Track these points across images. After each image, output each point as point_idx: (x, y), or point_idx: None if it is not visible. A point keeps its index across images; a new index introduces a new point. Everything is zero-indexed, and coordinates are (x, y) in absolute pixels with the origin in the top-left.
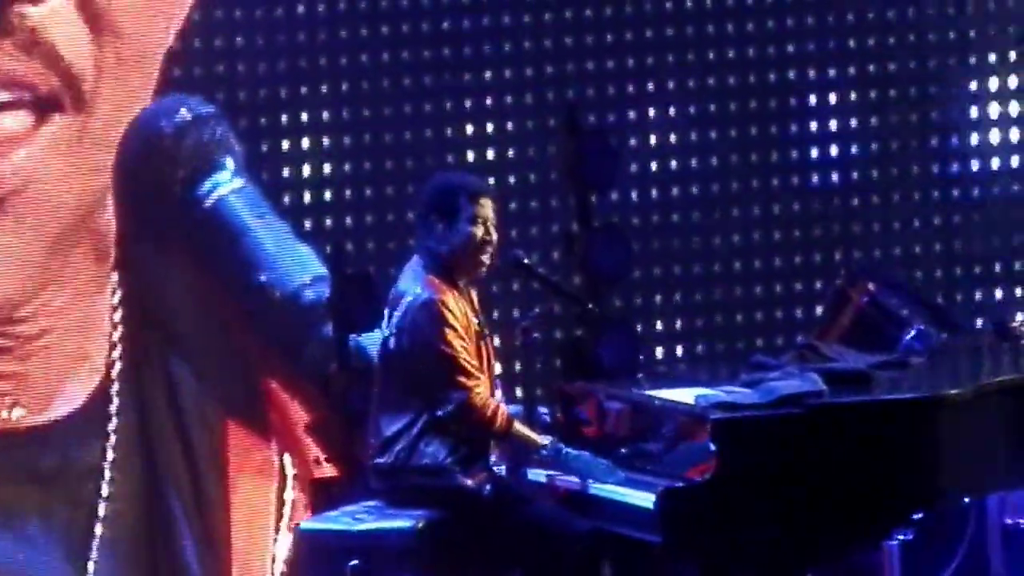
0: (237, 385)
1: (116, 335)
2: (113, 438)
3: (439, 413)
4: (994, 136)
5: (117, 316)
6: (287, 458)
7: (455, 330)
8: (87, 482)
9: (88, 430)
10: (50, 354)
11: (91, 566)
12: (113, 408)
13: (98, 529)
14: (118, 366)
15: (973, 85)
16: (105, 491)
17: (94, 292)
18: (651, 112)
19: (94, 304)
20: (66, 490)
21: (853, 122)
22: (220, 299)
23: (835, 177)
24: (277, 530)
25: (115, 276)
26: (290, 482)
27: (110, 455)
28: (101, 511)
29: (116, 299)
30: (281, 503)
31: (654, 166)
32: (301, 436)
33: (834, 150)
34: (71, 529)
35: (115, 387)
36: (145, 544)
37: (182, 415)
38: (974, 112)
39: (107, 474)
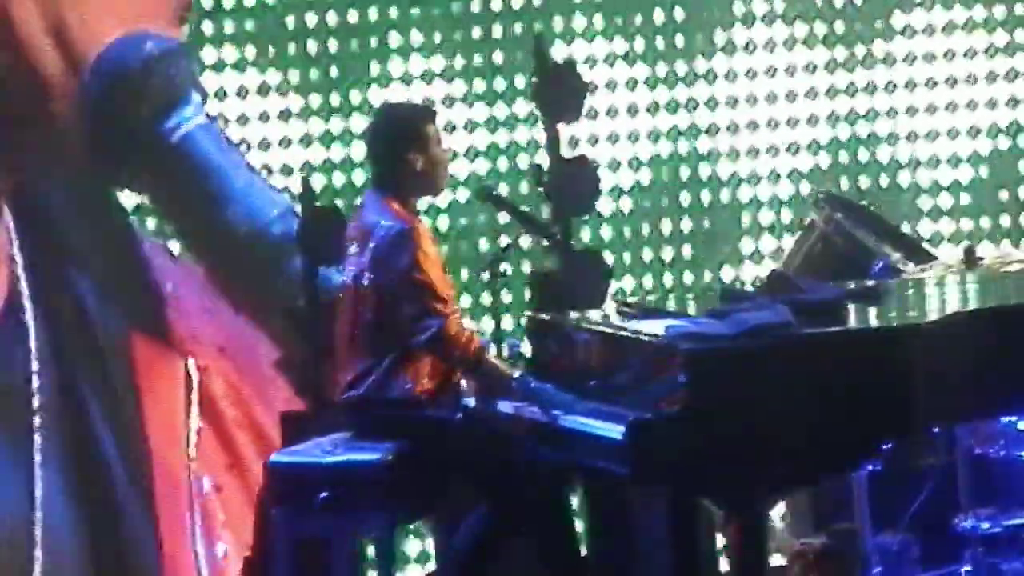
0: (139, 297)
1: (18, 260)
2: (34, 357)
3: (414, 341)
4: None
5: (15, 242)
6: (191, 363)
7: (429, 257)
8: (21, 396)
9: (10, 350)
10: None
11: (37, 470)
12: (30, 328)
13: (36, 438)
14: (25, 290)
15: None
16: (36, 403)
17: None
18: (619, 46)
19: None
20: (4, 407)
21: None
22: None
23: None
24: (187, 427)
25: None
26: (195, 386)
27: (35, 371)
28: (36, 422)
29: (10, 223)
30: (189, 403)
31: (623, 100)
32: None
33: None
34: (15, 440)
35: (27, 309)
36: (73, 448)
37: (90, 328)
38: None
39: (35, 387)
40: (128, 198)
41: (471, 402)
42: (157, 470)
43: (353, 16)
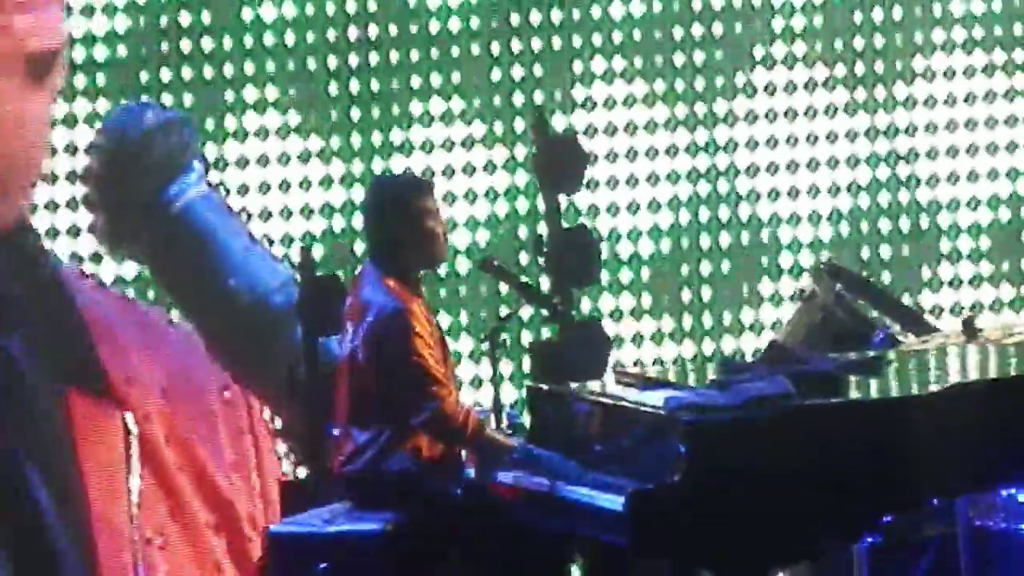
0: (73, 350)
1: None
2: None
3: (412, 422)
4: (966, 138)
5: None
6: (129, 416)
7: (423, 338)
8: None
9: None
10: None
11: None
12: None
13: None
14: None
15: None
16: None
17: None
18: (620, 114)
19: None
20: None
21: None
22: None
23: (803, 178)
24: (128, 482)
25: None
26: (134, 439)
27: None
28: None
29: None
30: (129, 457)
31: (623, 168)
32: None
33: (799, 152)
34: None
35: None
36: (10, 513)
37: (24, 390)
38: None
39: None
40: (129, 267)
41: (472, 472)
42: (99, 529)
43: (355, 86)
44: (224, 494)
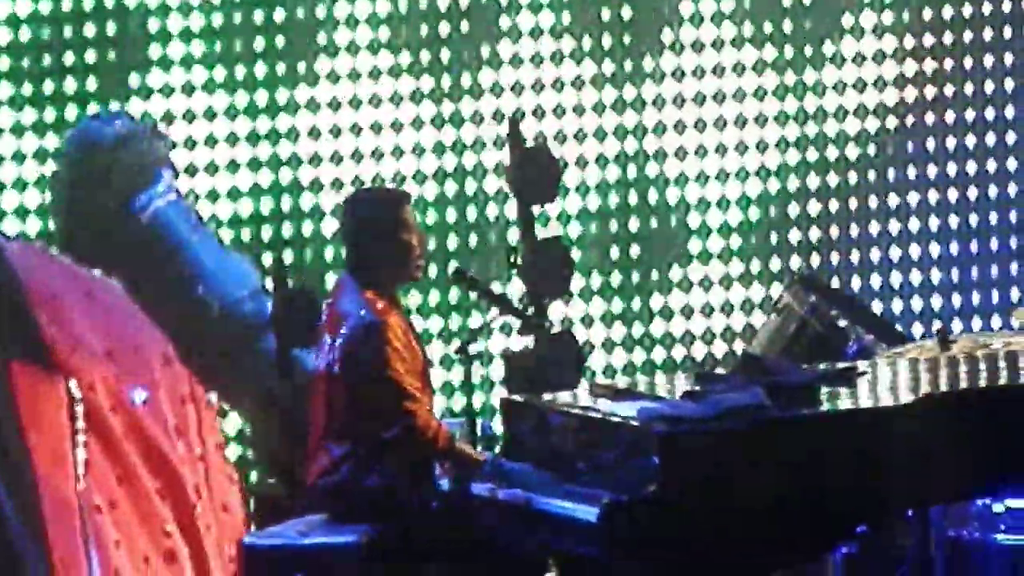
0: (12, 323)
1: None
2: None
3: (383, 436)
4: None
5: None
6: (73, 384)
7: (398, 352)
8: None
9: None
10: None
11: None
12: None
13: None
14: None
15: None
16: None
17: None
18: (592, 121)
19: None
20: None
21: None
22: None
23: (776, 184)
24: (74, 450)
25: None
26: (79, 407)
27: None
28: None
29: None
30: (74, 426)
31: (593, 175)
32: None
33: (775, 157)
34: None
35: None
36: None
37: None
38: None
39: None
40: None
41: (446, 484)
42: (46, 496)
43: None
44: (169, 461)
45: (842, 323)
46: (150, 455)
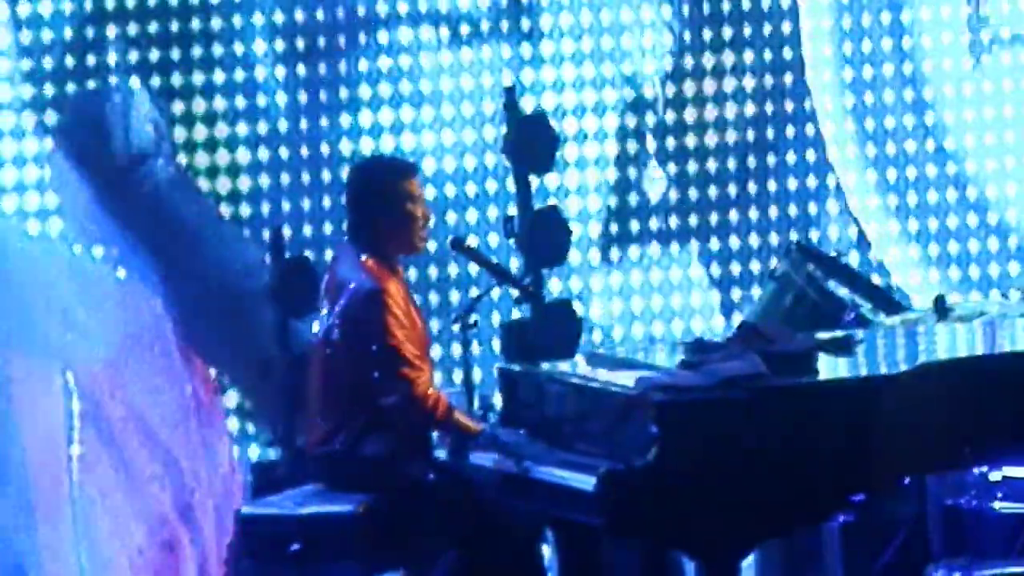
0: (10, 315)
1: None
2: None
3: (382, 403)
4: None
5: None
6: (69, 375)
7: (398, 319)
8: None
9: None
10: None
11: None
12: None
13: None
14: None
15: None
16: None
17: None
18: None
19: None
20: None
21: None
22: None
23: (770, 160)
24: (69, 440)
25: None
26: (74, 396)
27: None
28: None
29: None
30: (69, 416)
31: (592, 149)
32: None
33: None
34: None
35: None
36: None
37: None
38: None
39: None
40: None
41: (443, 455)
42: (39, 487)
43: (324, 68)
44: (168, 447)
45: (840, 292)
46: (149, 441)
